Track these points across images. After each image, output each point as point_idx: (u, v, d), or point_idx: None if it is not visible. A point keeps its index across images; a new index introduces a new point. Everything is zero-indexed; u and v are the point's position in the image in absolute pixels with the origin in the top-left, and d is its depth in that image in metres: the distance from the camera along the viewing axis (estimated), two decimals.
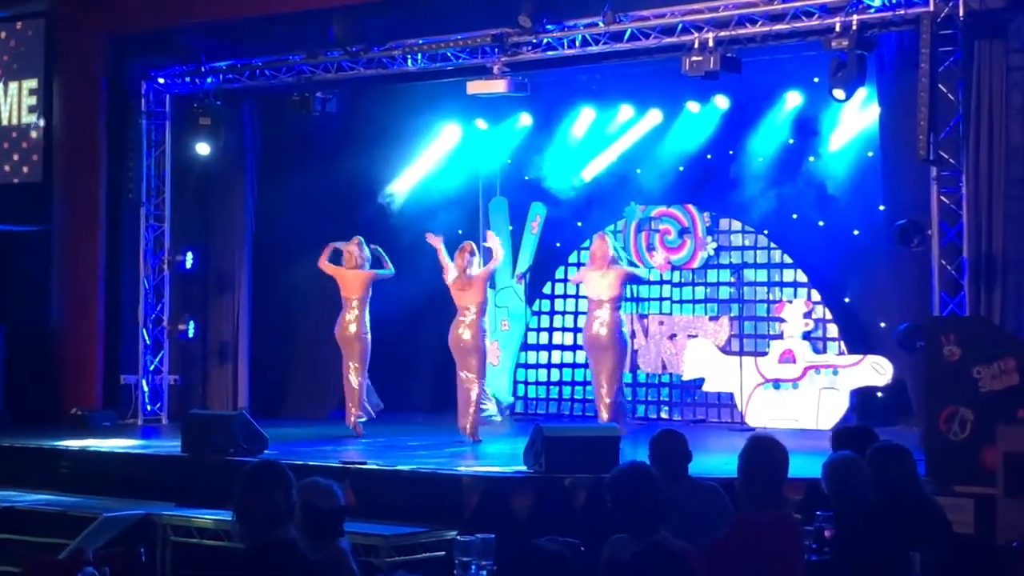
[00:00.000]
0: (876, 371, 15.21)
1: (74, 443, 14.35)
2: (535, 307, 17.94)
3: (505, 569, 5.04)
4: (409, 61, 15.60)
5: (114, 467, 13.51)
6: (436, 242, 14.40)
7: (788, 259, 16.28)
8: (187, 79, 17.07)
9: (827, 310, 15.95)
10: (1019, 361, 10.15)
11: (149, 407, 17.20)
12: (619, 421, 13.58)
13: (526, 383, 17.91)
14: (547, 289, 17.92)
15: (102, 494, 12.85)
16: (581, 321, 15.25)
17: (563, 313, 17.76)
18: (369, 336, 14.82)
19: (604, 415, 13.82)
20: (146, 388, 17.21)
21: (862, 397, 15.41)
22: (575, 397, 17.51)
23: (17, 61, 18.30)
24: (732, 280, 16.45)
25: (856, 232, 15.61)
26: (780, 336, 16.01)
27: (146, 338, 17.23)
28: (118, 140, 17.32)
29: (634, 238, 17.07)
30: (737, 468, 6.56)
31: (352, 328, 14.76)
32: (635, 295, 16.90)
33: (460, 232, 17.59)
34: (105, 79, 17.39)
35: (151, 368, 17.26)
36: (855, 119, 15.38)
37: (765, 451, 6.58)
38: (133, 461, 13.66)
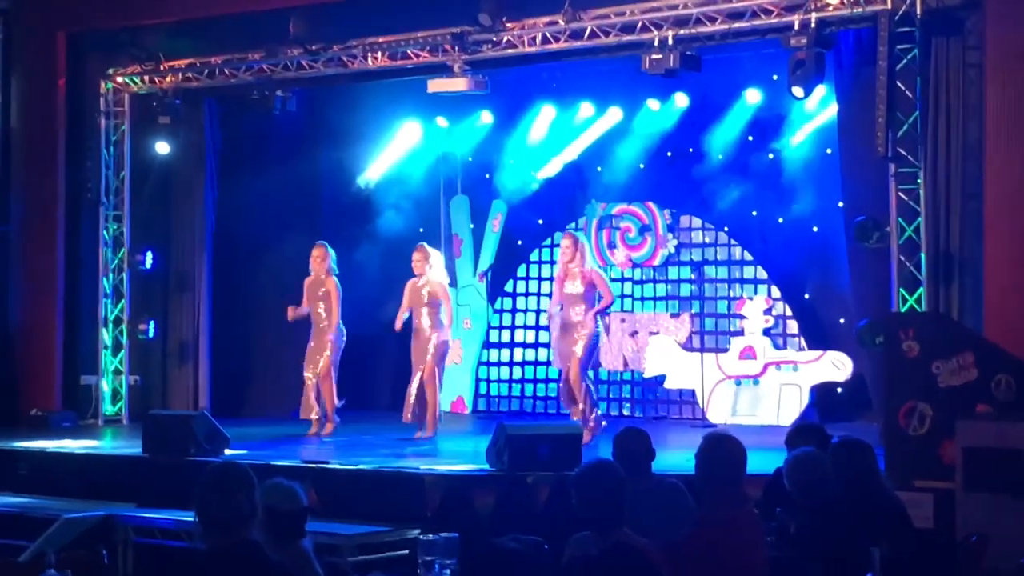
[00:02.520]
0: (836, 367, 15.30)
1: (34, 444, 14.26)
2: (497, 305, 17.95)
3: (467, 568, 5.04)
4: (369, 59, 15.58)
5: (74, 468, 13.43)
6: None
7: (748, 256, 16.35)
8: (146, 78, 17.02)
9: (787, 306, 16.03)
10: (977, 356, 10.22)
11: (110, 407, 17.14)
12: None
13: (488, 381, 17.92)
14: (509, 287, 17.93)
15: (62, 495, 12.77)
16: (543, 319, 15.22)
17: (525, 311, 17.78)
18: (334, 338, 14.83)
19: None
20: (106, 388, 17.15)
21: (822, 393, 15.49)
22: (537, 395, 17.53)
23: None
24: (693, 277, 16.51)
25: (815, 229, 15.69)
26: (741, 333, 16.08)
27: (106, 338, 17.17)
28: (77, 139, 17.27)
29: (595, 236, 17.09)
30: (695, 468, 6.60)
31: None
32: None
33: (421, 231, 17.62)
34: (64, 79, 17.30)
35: (111, 368, 17.20)
36: (814, 116, 15.45)
37: (720, 450, 6.62)
38: (93, 462, 13.59)
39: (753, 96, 15.84)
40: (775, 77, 14.93)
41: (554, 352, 14.39)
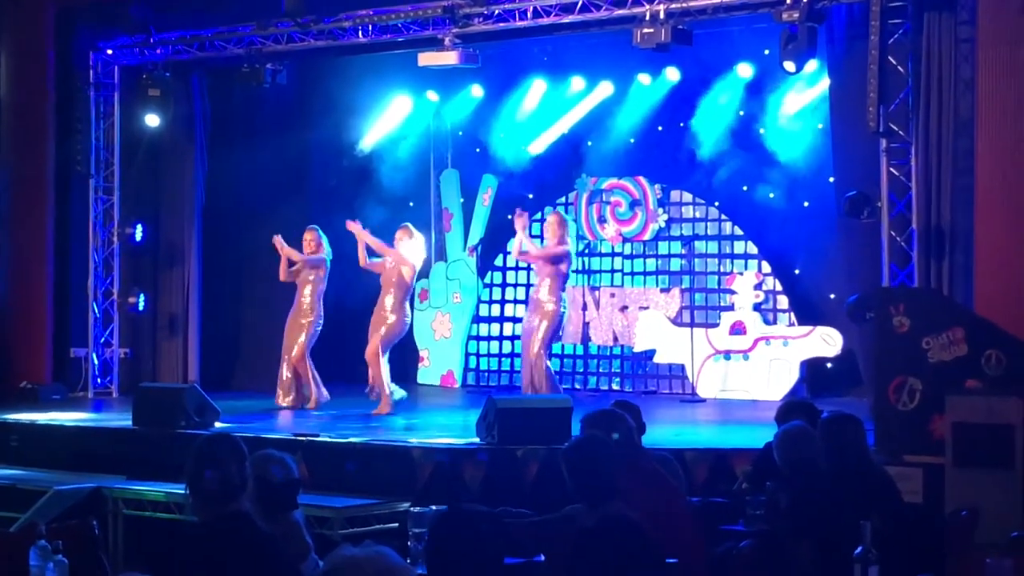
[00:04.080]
0: (826, 342, 15.33)
1: (24, 416, 14.25)
2: (487, 279, 17.95)
3: (433, 534, 4.95)
4: (359, 32, 15.53)
5: (64, 440, 13.43)
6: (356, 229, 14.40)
7: (739, 231, 16.35)
8: (136, 50, 16.96)
9: (777, 282, 16.04)
10: (968, 331, 10.23)
11: (99, 380, 17.14)
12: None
13: (478, 355, 17.94)
14: (499, 261, 17.93)
15: (52, 467, 12.78)
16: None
17: (515, 285, 17.77)
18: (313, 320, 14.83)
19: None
20: (96, 361, 17.14)
21: (812, 368, 15.52)
22: None
23: None
24: (683, 252, 16.51)
25: (806, 204, 15.69)
26: (731, 308, 16.10)
27: (96, 311, 17.15)
28: (66, 112, 17.20)
29: (585, 210, 17.09)
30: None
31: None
32: (587, 267, 16.95)
33: (411, 205, 17.63)
34: (53, 51, 17.23)
35: (101, 341, 17.19)
36: (805, 91, 15.44)
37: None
38: (83, 434, 13.58)
39: (745, 71, 15.82)
40: (767, 52, 14.92)
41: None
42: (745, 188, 16.16)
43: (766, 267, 16.09)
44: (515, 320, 17.68)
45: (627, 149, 16.92)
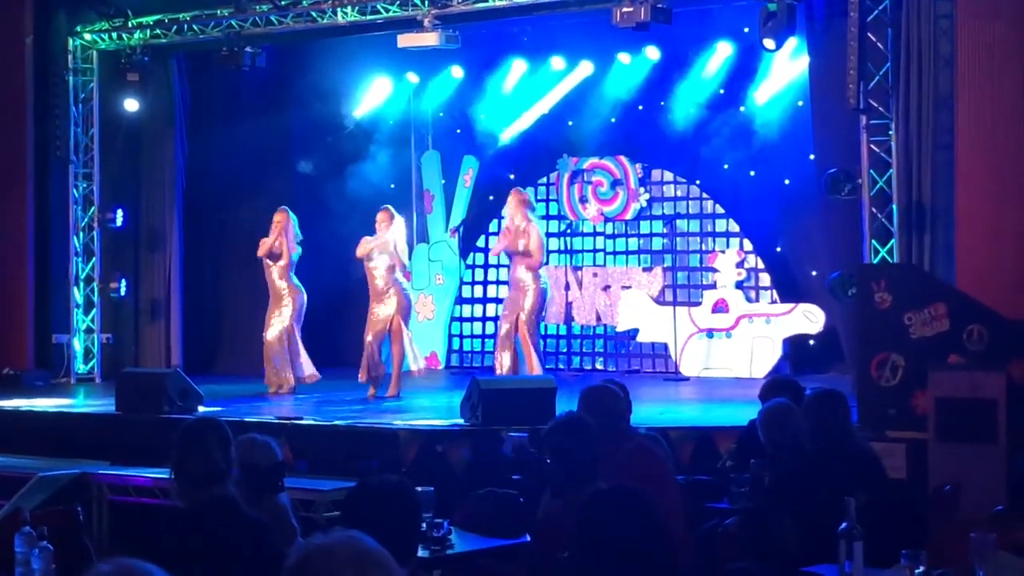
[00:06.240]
0: (808, 319, 15.35)
1: (6, 403, 14.22)
2: (469, 261, 17.94)
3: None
4: (339, 14, 15.48)
5: (48, 426, 13.40)
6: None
7: (720, 209, 16.36)
8: (114, 35, 16.89)
9: (759, 259, 16.06)
10: (949, 307, 10.26)
11: (82, 366, 17.10)
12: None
13: (461, 336, 17.94)
14: (481, 243, 17.91)
15: (36, 454, 12.71)
16: None
17: (497, 266, 17.76)
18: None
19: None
20: (78, 347, 17.10)
21: (794, 345, 15.55)
22: None
23: None
24: (665, 231, 16.52)
25: (787, 181, 15.70)
26: (713, 286, 16.12)
27: (77, 297, 17.11)
28: (45, 97, 17.12)
29: (567, 190, 17.09)
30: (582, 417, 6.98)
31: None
32: (569, 247, 16.95)
33: (392, 187, 17.58)
34: (31, 36, 17.15)
35: (83, 327, 17.15)
36: (785, 69, 15.44)
37: (607, 398, 7.21)
38: (67, 420, 13.56)
39: (724, 49, 15.83)
40: (746, 29, 14.92)
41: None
42: (726, 166, 16.17)
43: (748, 245, 16.11)
44: (498, 301, 17.65)
45: (608, 128, 16.91)
